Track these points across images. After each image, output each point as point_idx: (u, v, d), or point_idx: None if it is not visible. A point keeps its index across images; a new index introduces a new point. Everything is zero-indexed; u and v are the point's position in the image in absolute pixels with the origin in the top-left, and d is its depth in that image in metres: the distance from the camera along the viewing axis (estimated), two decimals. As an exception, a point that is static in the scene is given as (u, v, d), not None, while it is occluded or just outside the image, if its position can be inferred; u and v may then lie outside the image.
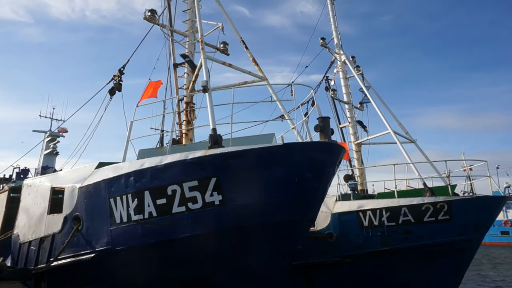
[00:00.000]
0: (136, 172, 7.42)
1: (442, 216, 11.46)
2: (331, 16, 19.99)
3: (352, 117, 19.29)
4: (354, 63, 19.52)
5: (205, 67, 9.87)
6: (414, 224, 11.63)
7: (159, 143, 14.32)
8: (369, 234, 12.08)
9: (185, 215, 6.95)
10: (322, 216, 12.60)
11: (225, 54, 14.59)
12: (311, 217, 7.96)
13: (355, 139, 18.88)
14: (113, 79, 13.05)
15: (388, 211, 11.85)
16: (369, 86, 18.29)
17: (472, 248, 12.40)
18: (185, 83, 12.81)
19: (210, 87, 8.79)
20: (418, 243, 11.62)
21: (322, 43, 19.41)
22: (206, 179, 6.85)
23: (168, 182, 7.06)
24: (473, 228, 11.78)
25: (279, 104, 11.64)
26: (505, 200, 14.14)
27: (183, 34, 13.49)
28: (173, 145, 9.46)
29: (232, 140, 7.57)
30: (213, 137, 7.42)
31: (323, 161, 7.07)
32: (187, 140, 11.84)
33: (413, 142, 16.41)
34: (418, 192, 12.67)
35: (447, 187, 12.49)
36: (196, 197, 6.89)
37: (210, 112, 8.13)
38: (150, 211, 7.16)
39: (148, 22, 12.93)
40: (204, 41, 11.32)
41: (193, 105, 12.41)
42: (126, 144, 8.48)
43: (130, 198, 7.37)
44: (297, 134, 9.64)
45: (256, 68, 12.47)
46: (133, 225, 7.32)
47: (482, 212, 11.99)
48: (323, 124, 7.09)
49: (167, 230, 7.12)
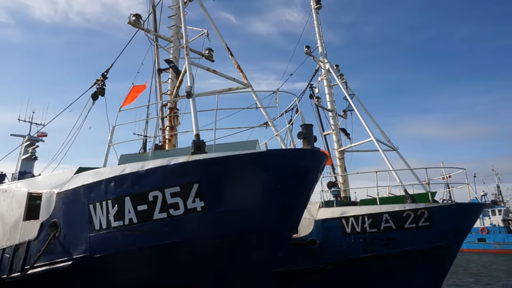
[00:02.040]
0: (117, 177, 7.31)
1: (423, 222, 11.65)
2: (315, 25, 20.27)
3: (336, 124, 19.51)
4: (338, 72, 19.81)
5: (190, 73, 9.84)
6: (395, 231, 11.79)
7: (141, 148, 14.15)
8: (351, 240, 12.17)
9: (167, 222, 6.87)
10: (305, 223, 12.65)
11: (210, 60, 14.60)
12: (294, 224, 7.97)
13: (339, 146, 19.08)
14: (96, 84, 12.86)
15: (370, 218, 11.98)
16: (352, 95, 18.57)
17: (451, 255, 12.63)
18: (169, 88, 12.73)
19: (194, 93, 8.76)
20: (400, 250, 11.77)
21: (306, 51, 19.65)
22: (188, 185, 6.80)
23: (150, 188, 6.97)
24: (453, 234, 12.01)
25: (263, 111, 11.68)
26: (482, 208, 14.51)
27: (168, 40, 13.44)
28: (156, 151, 9.35)
29: (216, 146, 7.54)
30: (196, 143, 7.38)
31: (306, 168, 7.11)
32: (170, 146, 11.74)
33: (394, 150, 16.69)
34: (400, 199, 12.86)
35: (427, 194, 12.72)
36: (178, 203, 6.83)
37: (193, 118, 8.09)
38: (131, 218, 7.05)
39: (132, 26, 12.85)
40: (189, 47, 11.31)
41: (177, 111, 12.34)
42: (107, 149, 8.35)
43: (110, 204, 7.24)
44: (281, 141, 9.68)
45: (241, 75, 12.51)
46: (112, 231, 7.18)
47: (461, 219, 12.25)
48: (306, 131, 7.15)
49: (147, 237, 7.01)
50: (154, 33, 13.55)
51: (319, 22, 20.37)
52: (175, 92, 12.15)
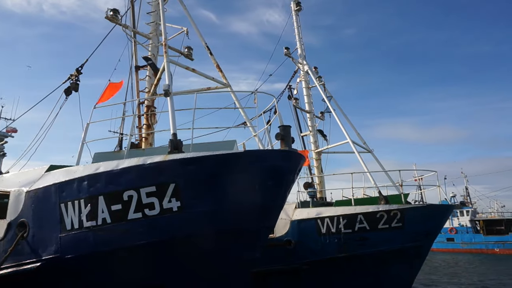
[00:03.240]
0: (90, 176, 7.12)
1: (395, 223, 11.95)
2: (295, 27, 20.45)
3: (313, 126, 19.74)
4: (316, 74, 20.05)
5: (168, 71, 9.71)
6: (369, 231, 12.04)
7: (117, 146, 13.86)
8: (326, 241, 12.34)
9: (141, 222, 6.75)
10: (282, 223, 12.72)
11: (189, 59, 14.46)
12: (270, 224, 8.00)
13: (316, 147, 19.31)
14: (70, 79, 12.47)
15: (345, 219, 12.18)
16: (330, 97, 18.84)
17: (422, 254, 13.02)
18: (146, 86, 12.52)
19: (172, 92, 8.64)
20: (373, 250, 12.02)
21: (286, 53, 19.77)
22: (164, 185, 6.71)
23: (124, 187, 6.84)
24: (424, 235, 12.38)
25: (242, 111, 11.65)
26: (452, 209, 15.02)
27: (146, 36, 13.22)
28: (131, 149, 9.17)
29: (193, 146, 7.47)
30: (173, 142, 7.28)
31: (283, 169, 7.15)
32: (146, 145, 11.54)
33: (370, 152, 17.04)
34: (374, 200, 13.15)
35: (400, 195, 13.05)
36: (154, 203, 6.72)
37: (171, 116, 7.98)
38: (104, 218, 6.89)
39: (110, 21, 12.55)
40: (167, 45, 11.14)
41: (154, 109, 12.15)
42: (81, 146, 8.12)
43: (83, 203, 7.04)
44: (259, 141, 9.70)
45: (220, 74, 12.45)
46: (85, 232, 7.00)
47: (432, 219, 12.64)
48: (284, 132, 7.19)
49: (122, 237, 6.87)
50: (132, 29, 13.28)
51: (299, 24, 20.58)
52: (152, 90, 11.96)
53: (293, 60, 20.13)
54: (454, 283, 19.90)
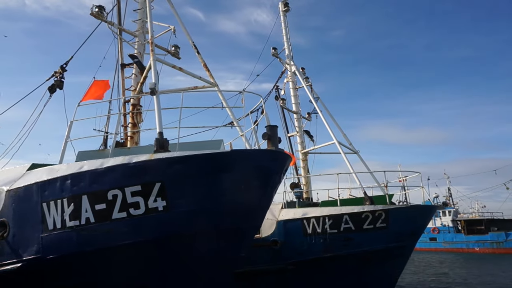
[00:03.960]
0: (74, 175, 7.00)
1: (380, 223, 12.10)
2: (283, 28, 20.49)
3: (300, 126, 19.83)
4: (303, 75, 20.14)
5: (154, 69, 9.62)
6: (354, 232, 12.15)
7: (102, 145, 13.64)
8: (312, 241, 12.40)
9: (126, 222, 6.67)
10: (268, 224, 12.74)
11: (176, 58, 14.32)
12: (256, 224, 8.02)
13: (302, 148, 19.40)
14: (54, 76, 12.21)
15: (330, 219, 12.27)
16: (317, 98, 18.96)
17: (406, 254, 13.23)
18: (132, 84, 12.36)
19: (158, 90, 8.56)
20: (358, 250, 12.15)
21: (273, 53, 19.80)
22: (150, 184, 6.64)
23: (109, 186, 6.74)
24: (408, 235, 12.58)
25: (229, 111, 11.61)
26: (435, 209, 15.31)
27: (132, 34, 13.05)
28: (117, 148, 9.05)
29: (179, 145, 7.42)
30: (159, 141, 7.22)
31: (269, 169, 7.17)
32: (132, 144, 11.40)
33: (356, 153, 17.20)
34: (359, 200, 13.29)
35: (385, 196, 13.23)
36: (139, 202, 6.65)
37: (157, 115, 7.90)
38: (88, 217, 6.78)
39: (95, 18, 12.35)
40: (154, 43, 11.03)
41: (140, 108, 12.01)
42: (64, 145, 7.97)
43: (66, 203, 6.92)
44: (246, 141, 9.70)
45: (207, 73, 12.39)
46: (67, 232, 6.87)
47: (416, 220, 12.86)
48: (271, 132, 7.21)
49: (105, 237, 6.77)
50: (118, 27, 13.09)
51: (287, 25, 20.63)
52: (138, 88, 11.82)
53: (280, 61, 20.18)
54: (443, 282, 20.24)
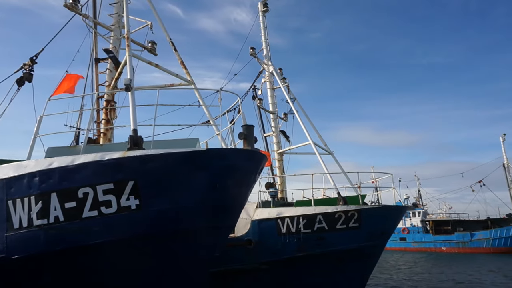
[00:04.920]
0: (43, 171, 6.76)
1: (353, 223, 12.34)
2: (262, 28, 20.55)
3: (276, 126, 19.94)
4: (281, 75, 20.26)
5: (130, 65, 9.42)
6: (327, 231, 12.34)
7: (73, 141, 13.27)
8: (286, 240, 12.50)
9: (97, 220, 6.51)
10: (242, 223, 12.74)
11: (153, 54, 14.07)
12: (231, 223, 8.00)
13: (278, 148, 19.52)
14: (23, 68, 11.76)
15: (304, 219, 12.41)
16: (294, 98, 19.14)
17: (377, 254, 13.55)
18: (107, 79, 12.05)
19: (133, 86, 8.40)
20: (331, 249, 12.34)
21: (251, 53, 19.82)
22: (122, 182, 6.51)
23: (80, 184, 6.56)
24: (379, 234, 12.89)
25: (205, 109, 11.53)
26: (405, 210, 15.79)
27: (108, 28, 12.73)
28: (89, 145, 8.82)
29: (154, 142, 7.30)
30: (133, 138, 7.09)
31: (245, 168, 7.17)
32: (105, 140, 11.12)
33: (330, 154, 17.48)
34: (333, 201, 13.50)
35: (358, 196, 13.50)
36: (111, 201, 6.51)
37: (131, 112, 7.75)
38: (57, 215, 6.56)
39: (69, 10, 11.96)
40: (130, 38, 10.81)
41: (114, 104, 11.73)
42: (33, 140, 7.69)
43: (33, 200, 6.67)
44: (222, 140, 9.66)
45: (184, 71, 12.25)
46: (34, 230, 6.63)
47: (387, 220, 13.20)
48: (247, 132, 7.23)
49: (75, 236, 6.58)
50: (93, 20, 12.74)
51: (266, 25, 20.70)
52: (113, 84, 11.54)
53: (258, 61, 20.22)
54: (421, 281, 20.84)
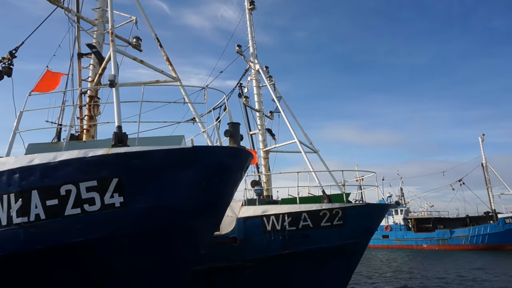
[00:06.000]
0: (23, 168, 6.60)
1: (337, 221, 12.48)
2: (248, 26, 20.51)
3: (262, 125, 19.97)
4: (267, 73, 20.28)
5: (114, 61, 9.27)
6: (312, 229, 12.45)
7: (55, 138, 12.94)
8: (271, 238, 12.55)
9: (80, 218, 6.39)
10: (228, 221, 12.73)
11: (138, 50, 13.84)
12: (216, 221, 7.97)
13: (264, 146, 19.56)
14: (2, 62, 11.41)
15: (290, 216, 12.48)
16: (280, 97, 19.19)
17: (360, 251, 13.75)
18: (90, 75, 11.80)
19: (118, 82, 8.27)
20: (315, 246, 12.46)
21: (238, 50, 19.77)
22: (106, 180, 6.41)
23: (62, 181, 6.43)
24: (362, 232, 13.07)
25: (191, 106, 11.44)
26: (388, 208, 16.06)
27: (91, 23, 12.45)
28: (71, 141, 8.64)
29: (139, 139, 7.21)
30: (118, 135, 6.98)
31: (230, 166, 7.16)
32: (88, 137, 10.91)
33: (315, 152, 17.62)
34: (318, 199, 13.62)
35: (342, 194, 13.66)
36: (94, 198, 6.40)
37: (116, 108, 7.63)
38: (38, 213, 6.42)
39: (50, 3, 11.66)
40: (114, 33, 10.61)
41: (98, 100, 11.52)
42: (12, 136, 7.48)
43: (13, 198, 6.51)
44: (208, 138, 9.60)
45: (170, 67, 12.12)
46: (14, 229, 6.47)
47: (370, 218, 13.40)
48: (233, 129, 7.21)
49: (57, 235, 6.45)
50: (76, 14, 12.44)
51: (252, 23, 20.68)
52: (96, 80, 11.32)
53: (244, 58, 20.19)
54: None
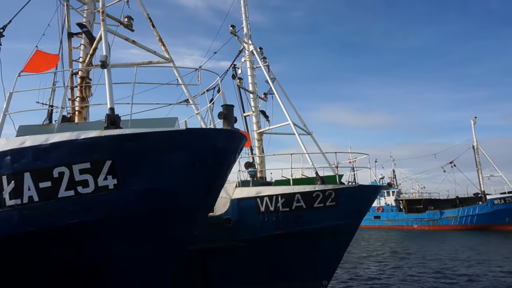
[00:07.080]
0: (15, 151, 6.54)
1: (330, 202, 12.65)
2: (242, 5, 20.10)
3: (256, 106, 19.87)
4: (261, 54, 20.01)
5: (105, 41, 9.08)
6: (305, 210, 12.62)
7: (46, 119, 12.80)
8: (265, 219, 12.71)
9: (74, 200, 6.40)
10: (222, 202, 12.83)
11: (130, 30, 13.53)
12: (210, 203, 8.04)
13: (258, 128, 19.53)
14: (-11, 41, 11.14)
15: (283, 198, 12.61)
16: (274, 78, 19.03)
17: (352, 231, 14.01)
18: (81, 55, 11.57)
19: (109, 63, 8.13)
20: (308, 227, 12.65)
21: (231, 31, 19.43)
22: (100, 162, 6.39)
23: (55, 163, 6.39)
24: (354, 213, 13.28)
25: (184, 88, 11.31)
26: (380, 189, 16.28)
27: (81, 1, 12.11)
28: (63, 123, 8.55)
29: (132, 121, 7.18)
30: (110, 117, 6.92)
31: (224, 148, 7.16)
32: (80, 119, 10.80)
33: (309, 134, 17.65)
34: (311, 180, 13.74)
35: (335, 176, 13.79)
36: (88, 180, 6.39)
37: (108, 90, 7.53)
38: (31, 195, 6.41)
39: (38, -20, 11.33)
40: (105, 12, 10.36)
41: (89, 81, 11.35)
42: (3, 118, 7.39)
43: (5, 180, 6.47)
44: (201, 120, 9.56)
45: (163, 48, 11.89)
46: (7, 211, 6.46)
47: (362, 199, 13.59)
48: (227, 111, 7.19)
49: (51, 217, 6.47)
50: (65, -8, 12.12)
51: (246, 3, 20.28)
52: (87, 60, 11.11)
53: (238, 39, 19.88)
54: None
